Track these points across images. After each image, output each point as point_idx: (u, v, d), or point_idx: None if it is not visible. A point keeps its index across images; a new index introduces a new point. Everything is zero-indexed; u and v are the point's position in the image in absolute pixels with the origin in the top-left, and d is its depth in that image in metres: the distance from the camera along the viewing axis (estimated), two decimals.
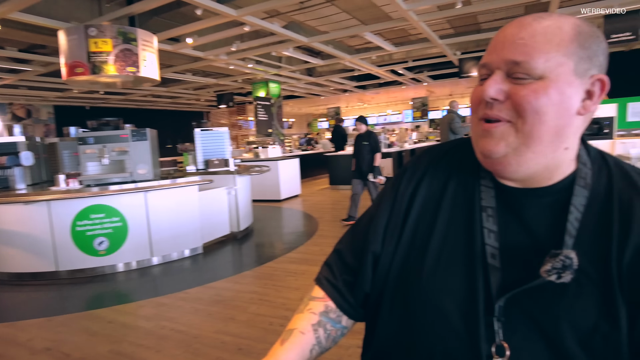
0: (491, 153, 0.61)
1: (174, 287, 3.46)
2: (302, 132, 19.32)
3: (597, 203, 0.61)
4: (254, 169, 5.59)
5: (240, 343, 2.41)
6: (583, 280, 0.57)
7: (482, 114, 0.62)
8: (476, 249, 0.64)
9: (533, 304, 0.59)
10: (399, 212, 0.72)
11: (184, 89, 11.88)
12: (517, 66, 0.58)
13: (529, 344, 0.58)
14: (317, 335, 0.74)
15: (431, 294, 0.65)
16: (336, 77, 11.19)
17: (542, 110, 0.57)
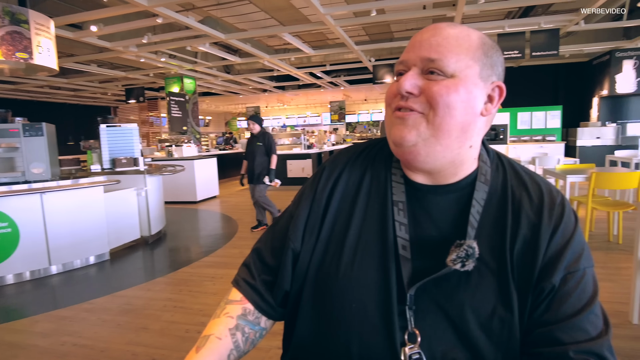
0: (403, 140, 0.64)
1: (77, 297, 3.17)
2: (220, 131, 18.79)
3: (494, 198, 0.68)
4: (166, 169, 5.31)
5: (154, 353, 2.29)
6: (483, 269, 0.63)
7: (396, 104, 0.66)
8: (389, 241, 0.68)
9: (440, 292, 0.63)
10: (318, 209, 0.74)
11: (88, 81, 10.87)
12: (432, 63, 0.63)
13: (438, 329, 0.63)
14: (234, 339, 0.73)
15: (348, 287, 0.67)
16: (255, 76, 11.07)
17: (452, 105, 0.62)
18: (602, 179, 3.41)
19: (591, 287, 0.63)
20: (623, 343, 2.16)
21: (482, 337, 0.61)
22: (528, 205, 0.66)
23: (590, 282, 0.63)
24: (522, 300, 0.62)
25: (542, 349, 0.60)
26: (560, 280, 0.61)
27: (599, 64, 10.07)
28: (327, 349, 0.69)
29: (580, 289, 0.62)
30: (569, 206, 0.67)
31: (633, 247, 2.34)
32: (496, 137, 7.45)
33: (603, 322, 0.61)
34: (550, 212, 0.65)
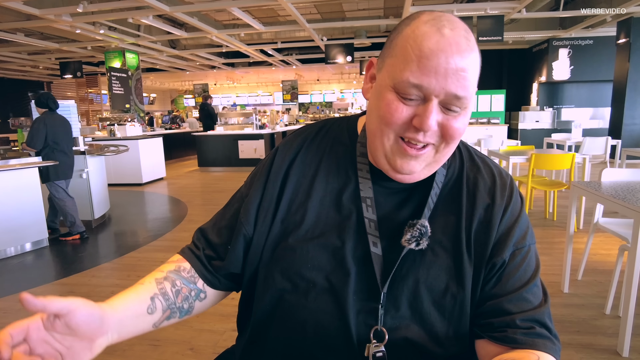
0: (412, 172, 0.64)
1: (12, 287, 2.94)
2: (166, 109, 17.95)
3: (451, 181, 0.70)
4: (108, 149, 5.01)
5: None
6: (437, 247, 0.65)
7: (409, 137, 0.61)
8: (352, 236, 0.67)
9: (397, 274, 0.65)
10: (273, 191, 0.72)
11: (15, 52, 9.90)
12: (457, 100, 0.58)
13: (394, 309, 0.64)
14: (160, 287, 0.69)
15: (305, 274, 0.66)
16: (202, 51, 10.62)
17: (461, 134, 0.63)
18: (541, 160, 3.64)
19: (534, 262, 0.67)
20: (555, 310, 2.35)
21: (434, 314, 0.64)
22: (482, 187, 0.69)
23: (533, 257, 0.67)
24: (477, 275, 0.65)
25: (492, 319, 0.64)
26: (510, 255, 0.65)
27: (538, 52, 10.66)
28: (285, 331, 0.68)
29: (526, 263, 0.66)
30: (516, 187, 0.71)
31: (566, 224, 2.53)
32: None
33: (543, 293, 0.66)
34: (502, 193, 0.68)
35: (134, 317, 0.64)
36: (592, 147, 5.18)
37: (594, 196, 2.17)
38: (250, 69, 13.75)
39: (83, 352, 0.56)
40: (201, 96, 12.90)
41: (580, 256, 2.85)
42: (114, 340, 0.62)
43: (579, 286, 2.64)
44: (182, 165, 10.16)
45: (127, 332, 0.63)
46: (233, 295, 0.81)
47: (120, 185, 7.25)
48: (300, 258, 0.67)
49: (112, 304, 0.62)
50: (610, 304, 2.29)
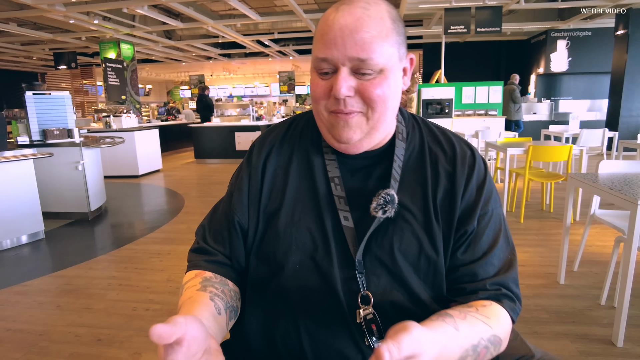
0: (350, 140, 0.69)
1: (8, 280, 2.93)
2: (162, 101, 17.82)
3: (414, 154, 0.75)
4: (104, 141, 4.97)
5: (99, 333, 2.19)
6: (408, 216, 0.70)
7: (334, 108, 0.67)
8: (327, 214, 0.72)
9: (374, 242, 0.70)
10: (255, 184, 0.77)
11: (8, 42, 9.77)
12: (362, 63, 0.63)
13: (375, 274, 0.69)
14: (208, 291, 0.68)
15: (291, 256, 0.71)
16: (198, 42, 10.52)
17: (386, 99, 0.67)
18: (538, 151, 3.64)
19: (497, 225, 0.72)
20: (551, 301, 2.36)
21: (412, 277, 0.69)
22: (443, 157, 0.74)
23: (496, 221, 0.72)
24: (446, 242, 0.70)
25: (464, 285, 0.69)
26: (476, 221, 0.70)
27: (537, 43, 10.63)
28: (278, 314, 0.71)
29: (490, 228, 0.71)
30: (479, 156, 0.76)
31: (563, 215, 2.53)
32: (441, 111, 7.68)
33: (510, 253, 0.72)
34: (462, 161, 0.73)
35: (213, 320, 0.62)
36: (589, 139, 5.19)
37: (591, 188, 2.17)
38: (247, 59, 13.64)
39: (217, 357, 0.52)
40: (198, 87, 12.80)
41: (576, 248, 2.86)
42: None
43: (575, 277, 2.65)
44: (178, 157, 10.11)
45: (216, 335, 0.61)
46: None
47: (117, 177, 7.22)
48: (284, 242, 0.71)
49: (194, 314, 0.58)
50: (605, 295, 2.31)
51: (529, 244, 3.31)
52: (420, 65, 12.76)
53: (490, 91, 8.02)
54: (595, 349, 1.89)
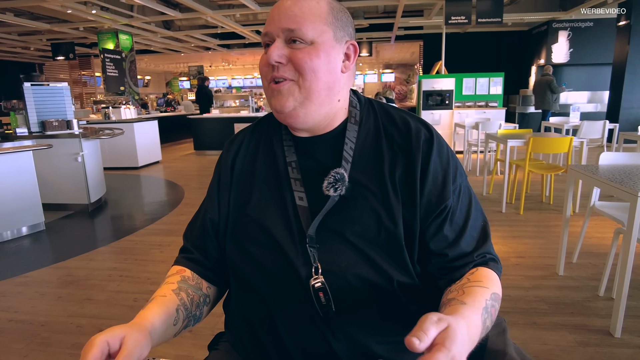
0: (283, 108, 0.74)
1: (10, 271, 2.94)
2: (161, 92, 17.72)
3: (369, 136, 0.79)
4: (103, 132, 4.95)
5: (101, 324, 2.20)
6: (366, 193, 0.74)
7: (270, 77, 0.74)
8: (287, 196, 0.77)
9: (335, 220, 0.74)
10: (226, 179, 0.84)
11: (5, 33, 9.69)
12: (292, 32, 0.71)
13: (339, 250, 0.73)
14: (180, 297, 0.75)
15: (259, 237, 0.76)
16: (197, 33, 10.43)
17: (316, 69, 0.72)
18: (538, 143, 3.63)
19: (467, 198, 0.77)
20: (550, 292, 2.38)
21: (375, 249, 0.72)
22: (398, 135, 0.78)
23: (466, 193, 0.77)
24: (411, 215, 0.73)
25: (454, 261, 0.74)
26: (452, 195, 0.75)
27: (538, 34, 10.55)
28: (252, 298, 0.77)
29: (462, 201, 0.76)
30: (436, 133, 0.79)
31: (562, 207, 2.53)
32: (442, 103, 7.65)
33: (482, 221, 0.78)
34: (417, 137, 0.76)
35: (164, 330, 0.69)
36: (589, 131, 5.17)
37: (591, 179, 2.17)
38: (246, 50, 13.54)
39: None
40: (197, 78, 12.72)
41: (575, 239, 2.87)
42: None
43: (574, 269, 2.67)
44: (177, 149, 10.10)
45: (155, 344, 0.66)
46: None
47: (116, 169, 7.21)
48: (253, 229, 0.77)
49: (152, 323, 0.65)
50: (604, 286, 2.32)
51: (529, 235, 3.32)
52: (420, 56, 12.69)
53: (490, 82, 7.98)
54: (594, 340, 1.91)
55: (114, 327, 0.59)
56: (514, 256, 2.91)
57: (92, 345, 0.55)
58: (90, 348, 0.55)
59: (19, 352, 1.96)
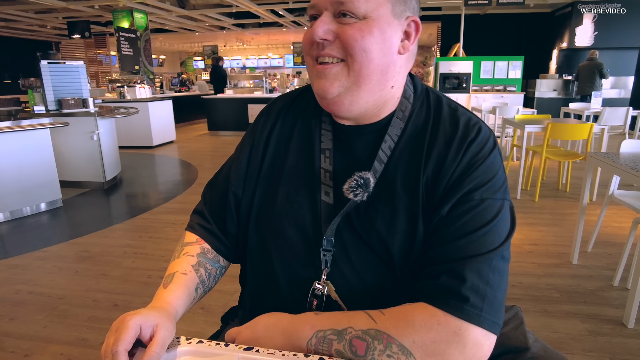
0: (326, 93, 0.65)
1: (29, 245, 3.02)
2: (175, 71, 17.73)
3: (414, 133, 0.69)
4: (119, 111, 4.99)
5: (116, 299, 2.26)
6: (395, 200, 0.66)
7: (315, 54, 0.66)
8: (315, 189, 0.71)
9: (356, 224, 0.68)
10: (257, 155, 0.78)
11: (22, 11, 9.73)
12: (342, 5, 0.61)
13: (353, 258, 0.68)
14: (199, 274, 0.75)
15: (280, 231, 0.72)
16: (212, 12, 10.34)
17: (368, 48, 0.62)
18: (557, 129, 3.54)
19: (482, 220, 0.61)
20: (563, 281, 2.35)
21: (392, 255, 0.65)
22: (442, 138, 0.66)
23: (483, 214, 0.61)
24: (427, 226, 0.64)
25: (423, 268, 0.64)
26: (449, 208, 0.63)
27: (561, 16, 10.19)
28: (267, 288, 0.75)
29: (468, 219, 0.61)
30: (485, 138, 0.66)
31: (579, 195, 2.49)
32: (459, 86, 7.51)
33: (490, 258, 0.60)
34: (459, 144, 0.65)
35: (185, 306, 0.71)
36: (611, 118, 5.02)
37: (611, 167, 2.12)
38: (261, 30, 13.40)
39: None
40: (212, 57, 12.66)
41: (592, 228, 2.82)
42: None
43: (589, 258, 2.63)
44: (191, 129, 10.15)
45: (178, 315, 0.69)
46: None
47: (131, 147, 7.29)
48: (275, 221, 0.72)
49: (176, 309, 0.67)
50: (619, 276, 2.28)
51: (543, 223, 3.28)
52: (438, 38, 12.40)
53: (509, 66, 7.78)
54: (606, 329, 1.89)
55: (145, 312, 0.60)
56: (527, 243, 2.88)
57: (127, 327, 0.56)
58: (126, 330, 0.55)
59: (39, 322, 2.03)
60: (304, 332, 0.61)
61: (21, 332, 1.96)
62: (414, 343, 0.56)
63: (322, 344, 0.59)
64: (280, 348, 0.61)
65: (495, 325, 0.57)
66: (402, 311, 0.59)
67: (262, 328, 0.65)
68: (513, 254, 2.66)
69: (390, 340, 0.57)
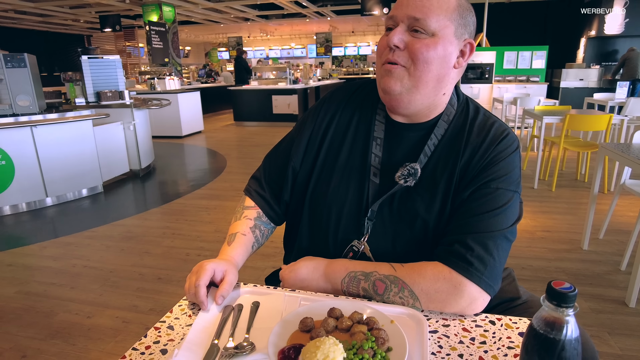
0: (390, 90, 0.80)
1: (78, 226, 3.34)
2: (200, 63, 18.10)
3: (454, 133, 0.85)
4: (152, 102, 5.28)
5: (159, 273, 2.53)
6: (433, 187, 0.82)
7: (385, 58, 0.79)
8: (366, 168, 0.87)
9: (401, 204, 0.84)
10: (317, 137, 0.93)
11: (58, 6, 10.19)
12: (417, 22, 0.76)
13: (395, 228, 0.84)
14: (255, 235, 0.95)
15: (334, 203, 0.88)
16: (237, 3, 10.56)
17: (430, 61, 0.77)
18: (575, 120, 3.61)
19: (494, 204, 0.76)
20: (572, 264, 2.48)
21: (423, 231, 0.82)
22: (475, 140, 0.82)
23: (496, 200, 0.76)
24: (452, 206, 0.81)
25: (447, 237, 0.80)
26: (469, 192, 0.79)
27: (589, 3, 9.94)
28: (318, 247, 0.91)
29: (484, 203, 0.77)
30: (509, 142, 0.82)
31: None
32: (481, 76, 7.50)
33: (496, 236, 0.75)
34: (488, 145, 0.80)
35: (243, 262, 0.91)
36: (636, 108, 4.99)
37: (621, 158, 2.22)
38: (284, 20, 13.56)
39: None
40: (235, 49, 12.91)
41: (605, 217, 2.92)
42: None
43: (600, 244, 2.74)
44: (218, 119, 10.46)
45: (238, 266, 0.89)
46: (271, 239, 1.06)
47: (162, 137, 7.63)
48: (331, 195, 0.88)
49: (238, 263, 0.88)
50: (626, 261, 2.40)
51: (558, 211, 3.38)
52: None
53: (533, 56, 7.70)
54: (608, 308, 2.03)
55: (217, 261, 0.81)
56: (540, 230, 3.01)
57: (205, 269, 0.77)
58: (204, 271, 0.77)
59: (96, 291, 2.32)
60: (340, 272, 0.81)
61: (81, 298, 2.25)
62: (422, 290, 0.74)
63: (353, 282, 0.79)
64: (319, 286, 0.82)
65: (490, 288, 0.73)
66: (417, 265, 0.77)
67: (305, 270, 0.84)
68: (525, 240, 2.81)
69: (404, 286, 0.75)
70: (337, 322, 0.67)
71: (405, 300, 0.75)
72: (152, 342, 0.68)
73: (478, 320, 0.72)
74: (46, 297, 2.27)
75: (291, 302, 0.77)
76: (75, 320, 2.04)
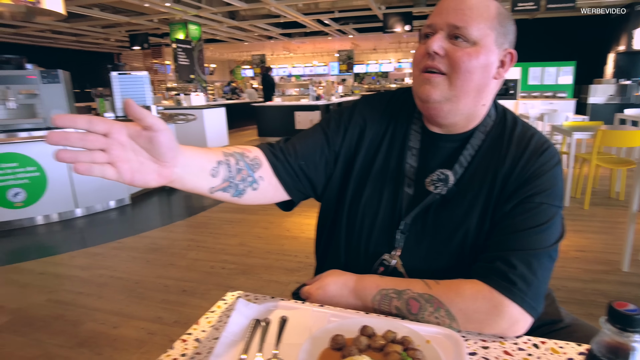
0: (429, 98, 0.76)
1: (106, 237, 3.40)
2: (225, 80, 18.51)
3: (492, 145, 0.81)
4: (178, 117, 5.39)
5: (184, 285, 2.53)
6: (471, 199, 0.78)
7: (423, 65, 0.76)
8: (400, 178, 0.84)
9: (431, 217, 0.80)
10: (352, 138, 0.88)
11: (91, 27, 10.64)
12: (457, 30, 0.73)
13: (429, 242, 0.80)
14: (226, 158, 0.75)
15: (366, 213, 0.85)
16: (261, 22, 10.79)
17: (472, 70, 0.74)
18: (608, 136, 3.49)
19: (537, 221, 0.72)
20: (611, 287, 2.36)
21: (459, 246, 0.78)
22: (515, 151, 0.78)
23: (539, 216, 0.73)
24: (492, 220, 0.77)
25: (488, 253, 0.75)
26: (511, 206, 0.75)
27: (618, 18, 9.75)
28: (351, 260, 0.88)
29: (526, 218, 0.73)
30: (551, 154, 0.78)
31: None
32: (506, 92, 7.41)
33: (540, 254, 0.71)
34: (530, 157, 0.77)
35: (199, 170, 0.69)
36: None
37: None
38: (307, 39, 13.77)
39: (151, 174, 0.59)
40: (259, 67, 13.15)
41: None
42: (176, 180, 0.64)
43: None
44: (242, 135, 10.61)
45: (188, 180, 0.67)
46: (295, 253, 1.01)
47: None
48: (366, 202, 0.85)
49: (185, 149, 0.66)
50: None
51: (592, 230, 3.25)
52: None
53: (559, 72, 7.56)
54: None
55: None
56: (573, 249, 2.89)
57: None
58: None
59: (122, 302, 2.33)
60: (370, 290, 0.77)
61: (107, 308, 2.26)
62: (459, 310, 0.69)
63: (384, 300, 0.75)
64: (348, 303, 0.78)
65: (533, 309, 0.68)
66: (454, 283, 0.72)
67: (333, 287, 0.80)
68: (559, 259, 2.68)
69: (440, 305, 0.70)
70: (370, 340, 0.63)
71: (441, 320, 0.70)
72: (180, 354, 0.66)
73: (520, 343, 0.68)
74: (74, 305, 2.30)
75: (320, 318, 0.74)
76: (102, 330, 2.04)
